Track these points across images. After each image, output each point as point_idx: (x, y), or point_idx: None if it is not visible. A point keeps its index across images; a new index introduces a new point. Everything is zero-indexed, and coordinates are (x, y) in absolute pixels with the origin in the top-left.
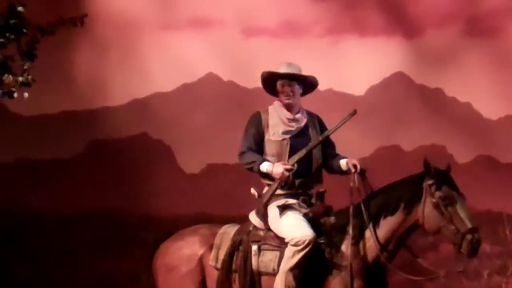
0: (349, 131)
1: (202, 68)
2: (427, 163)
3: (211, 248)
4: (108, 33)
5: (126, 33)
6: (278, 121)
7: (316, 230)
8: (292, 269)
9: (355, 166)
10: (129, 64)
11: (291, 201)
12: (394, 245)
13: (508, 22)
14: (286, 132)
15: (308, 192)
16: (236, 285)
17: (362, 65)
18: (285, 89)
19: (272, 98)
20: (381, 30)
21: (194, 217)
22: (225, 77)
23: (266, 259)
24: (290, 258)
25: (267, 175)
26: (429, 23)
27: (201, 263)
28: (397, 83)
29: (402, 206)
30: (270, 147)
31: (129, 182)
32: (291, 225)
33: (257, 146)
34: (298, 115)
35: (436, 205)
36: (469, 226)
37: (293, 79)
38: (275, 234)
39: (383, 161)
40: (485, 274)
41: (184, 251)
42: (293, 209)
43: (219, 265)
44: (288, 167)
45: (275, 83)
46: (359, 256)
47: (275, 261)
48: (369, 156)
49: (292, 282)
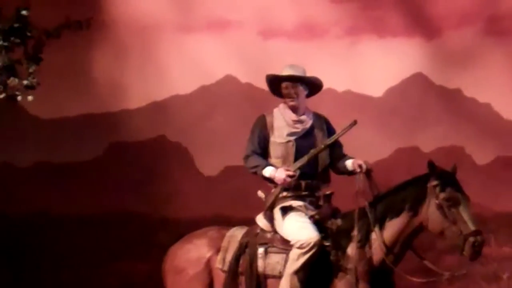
0: (368, 132)
1: (220, 70)
2: (431, 164)
3: (218, 251)
4: (127, 35)
5: (144, 36)
6: (283, 123)
7: (323, 232)
8: (297, 272)
9: (360, 166)
10: (147, 67)
11: (297, 203)
12: (400, 247)
13: None
14: (291, 134)
15: (315, 193)
16: None
17: (380, 66)
18: (289, 91)
19: None
20: (399, 31)
21: (212, 219)
22: (243, 79)
23: (273, 261)
24: (295, 260)
25: (271, 179)
26: (448, 23)
27: (208, 266)
28: (416, 84)
29: (407, 207)
30: (275, 150)
31: (147, 184)
32: (296, 228)
33: (262, 149)
34: (303, 117)
35: (440, 206)
36: (472, 228)
37: (296, 80)
38: (281, 237)
39: (401, 162)
40: (504, 277)
41: (192, 254)
42: (298, 211)
43: (226, 267)
44: (291, 173)
45: (280, 85)
46: (365, 258)
47: (282, 264)
48: (387, 157)
49: (297, 284)
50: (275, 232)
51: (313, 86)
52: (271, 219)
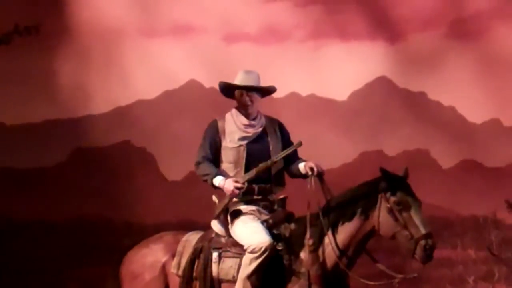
0: (332, 136)
1: (184, 75)
2: (383, 169)
3: (174, 256)
4: (90, 41)
5: (108, 41)
6: (235, 127)
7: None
8: (249, 277)
9: (312, 169)
10: (111, 72)
11: (250, 207)
12: (353, 251)
13: (491, 25)
14: (242, 138)
15: (268, 197)
16: None
17: (344, 70)
18: (243, 98)
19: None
20: (363, 35)
21: (177, 224)
22: (207, 84)
23: (226, 266)
24: (248, 265)
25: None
26: (411, 27)
27: (164, 271)
28: (380, 87)
29: (359, 211)
30: (227, 155)
31: (112, 189)
32: (248, 232)
33: (213, 155)
34: (254, 121)
35: (391, 210)
36: (423, 232)
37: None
38: (235, 241)
39: (366, 166)
40: (470, 280)
41: (147, 259)
42: (250, 215)
43: (180, 272)
44: (239, 185)
45: (233, 90)
46: (318, 262)
47: (235, 268)
48: (352, 161)
49: None
50: (230, 236)
51: (267, 92)
52: (225, 223)
